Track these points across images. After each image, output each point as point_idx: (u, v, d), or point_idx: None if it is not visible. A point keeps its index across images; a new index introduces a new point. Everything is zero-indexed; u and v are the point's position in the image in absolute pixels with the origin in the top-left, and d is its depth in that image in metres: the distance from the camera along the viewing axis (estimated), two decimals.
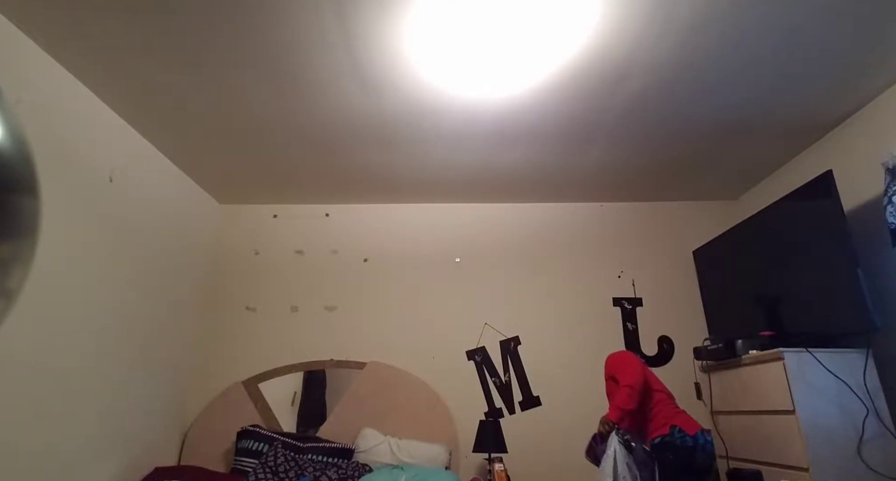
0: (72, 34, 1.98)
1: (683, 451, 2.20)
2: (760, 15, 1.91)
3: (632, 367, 2.37)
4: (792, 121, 2.66)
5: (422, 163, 3.08)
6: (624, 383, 2.31)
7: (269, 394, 3.16)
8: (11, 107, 0.80)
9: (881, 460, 2.11)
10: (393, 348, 3.30)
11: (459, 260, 3.53)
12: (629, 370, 2.36)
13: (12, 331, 1.86)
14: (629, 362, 2.43)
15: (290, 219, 3.62)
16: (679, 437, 2.22)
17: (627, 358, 2.50)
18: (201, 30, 1.96)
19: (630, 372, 2.34)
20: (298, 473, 2.60)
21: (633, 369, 2.35)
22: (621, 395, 2.28)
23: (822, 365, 2.25)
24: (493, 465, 2.67)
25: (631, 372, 2.34)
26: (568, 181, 3.35)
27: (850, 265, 2.24)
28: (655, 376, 2.52)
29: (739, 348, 2.60)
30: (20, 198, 0.76)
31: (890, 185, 2.21)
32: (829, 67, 2.24)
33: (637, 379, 2.30)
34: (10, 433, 1.88)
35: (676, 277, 3.45)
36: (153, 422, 2.76)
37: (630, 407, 2.26)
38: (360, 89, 2.34)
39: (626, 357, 2.52)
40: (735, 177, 3.31)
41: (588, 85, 2.33)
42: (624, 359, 2.50)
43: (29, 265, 0.79)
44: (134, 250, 2.63)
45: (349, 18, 1.91)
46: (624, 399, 2.26)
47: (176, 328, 3.01)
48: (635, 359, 2.48)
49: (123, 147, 2.57)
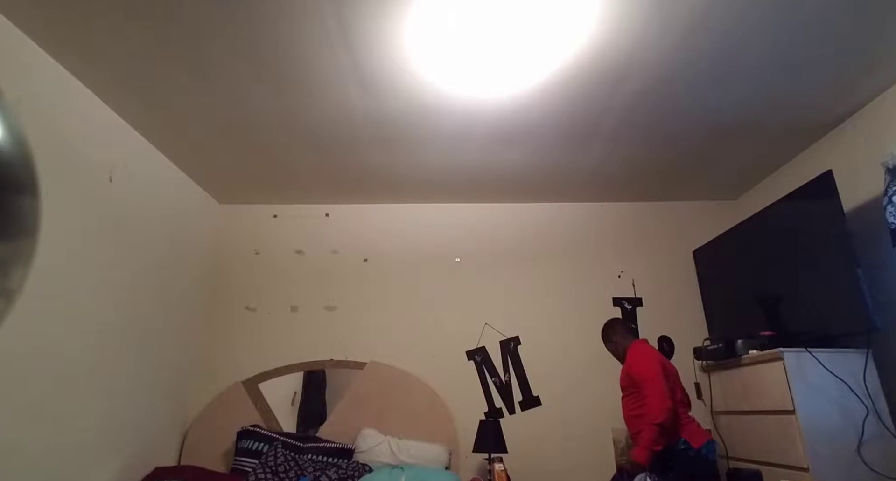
0: (72, 34, 1.98)
1: (685, 461, 2.24)
2: (760, 15, 1.91)
3: (658, 391, 2.25)
4: (792, 121, 2.65)
5: (422, 163, 3.08)
6: (653, 419, 2.22)
7: (269, 394, 3.16)
8: (11, 107, 0.80)
9: (881, 460, 2.11)
10: (393, 348, 3.29)
11: (459, 260, 3.53)
12: (656, 396, 2.25)
13: (12, 331, 1.86)
14: (653, 379, 2.31)
15: (290, 219, 3.62)
16: (683, 448, 2.27)
17: (651, 372, 2.35)
18: (202, 30, 1.96)
19: (656, 401, 2.23)
20: (298, 473, 2.60)
21: (660, 395, 2.24)
22: (650, 435, 2.20)
23: (822, 365, 2.25)
24: (493, 465, 2.67)
25: (658, 400, 2.23)
26: (568, 181, 3.35)
27: (850, 265, 2.24)
28: (676, 377, 2.49)
29: (739, 348, 2.60)
30: (20, 198, 0.76)
31: (890, 185, 2.21)
32: (829, 67, 2.23)
33: (666, 416, 2.21)
34: (11, 433, 1.88)
35: (676, 277, 3.45)
36: (153, 422, 2.76)
37: (658, 448, 2.20)
38: (361, 89, 2.34)
39: (649, 368, 2.37)
40: (735, 177, 3.31)
41: (588, 85, 2.33)
42: (647, 373, 2.35)
43: (29, 265, 0.79)
44: (134, 250, 2.63)
45: (349, 19, 1.91)
46: (652, 438, 2.20)
47: (176, 328, 3.01)
48: (658, 370, 2.36)
49: (123, 147, 2.57)
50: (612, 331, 2.73)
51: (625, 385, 2.54)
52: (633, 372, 2.45)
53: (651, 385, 2.31)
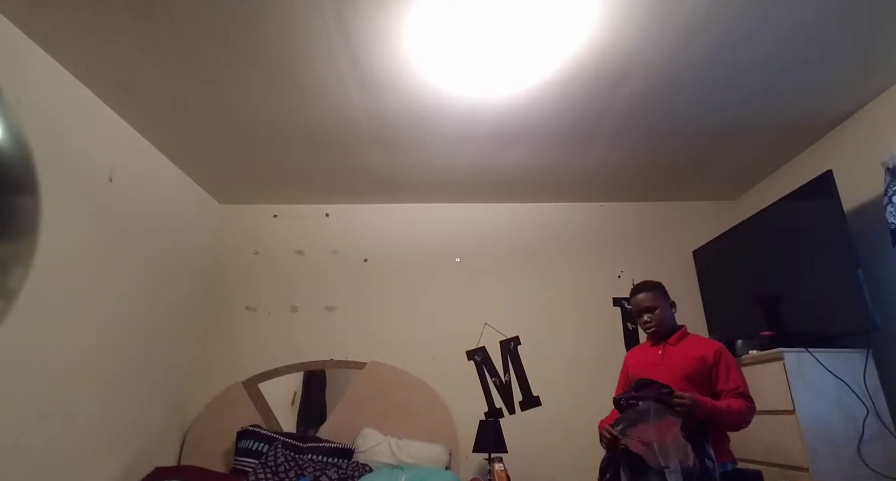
0: (72, 34, 1.98)
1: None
2: (760, 15, 1.91)
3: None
4: (792, 121, 2.65)
5: (422, 163, 3.08)
6: (752, 407, 1.83)
7: (269, 394, 3.16)
8: (11, 107, 0.80)
9: (881, 460, 2.11)
10: (393, 348, 3.29)
11: (459, 260, 3.53)
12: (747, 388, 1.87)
13: (12, 331, 1.86)
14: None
15: (290, 219, 3.62)
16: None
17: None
18: (202, 30, 1.96)
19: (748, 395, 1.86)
20: (298, 473, 2.60)
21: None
22: (741, 408, 1.78)
23: (822, 365, 2.25)
24: (493, 465, 2.67)
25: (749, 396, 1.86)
26: (568, 181, 3.34)
27: (850, 265, 2.24)
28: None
29: (739, 348, 2.60)
30: (20, 198, 0.76)
31: (890, 185, 2.21)
32: (829, 67, 2.23)
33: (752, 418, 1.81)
34: (10, 433, 1.88)
35: (676, 277, 3.44)
36: (153, 422, 2.76)
37: (731, 429, 1.86)
38: (361, 89, 2.34)
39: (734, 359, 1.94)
40: (735, 177, 3.31)
41: (588, 85, 2.33)
42: (735, 362, 1.94)
43: (29, 265, 0.79)
44: (134, 250, 2.63)
45: (349, 19, 1.91)
46: (742, 412, 1.79)
47: (176, 328, 3.01)
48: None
49: (123, 147, 2.57)
50: (666, 295, 2.12)
51: (690, 373, 1.92)
52: (725, 357, 1.91)
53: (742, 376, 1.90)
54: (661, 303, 2.07)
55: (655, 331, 2.06)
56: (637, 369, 2.09)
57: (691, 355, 1.95)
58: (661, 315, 2.05)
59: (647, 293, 2.08)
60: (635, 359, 2.20)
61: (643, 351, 2.19)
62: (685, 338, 2.05)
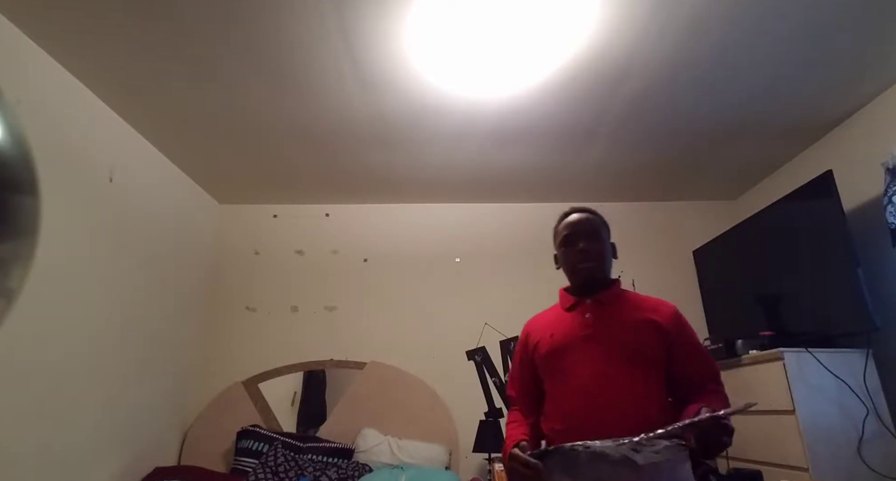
0: (72, 34, 1.98)
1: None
2: (760, 15, 1.91)
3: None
4: (792, 121, 2.65)
5: (422, 163, 3.08)
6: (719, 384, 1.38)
7: (269, 394, 3.16)
8: (11, 107, 0.80)
9: (881, 460, 2.11)
10: (393, 348, 3.29)
11: (459, 260, 3.53)
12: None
13: (12, 331, 1.86)
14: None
15: (290, 219, 3.62)
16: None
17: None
18: (202, 30, 1.96)
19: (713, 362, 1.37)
20: (298, 473, 2.60)
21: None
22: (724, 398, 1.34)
23: (822, 365, 2.25)
24: (493, 465, 2.67)
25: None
26: (568, 181, 3.34)
27: (850, 265, 2.24)
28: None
29: (739, 348, 2.60)
30: (20, 198, 0.76)
31: (890, 185, 2.21)
32: (829, 67, 2.23)
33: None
34: (10, 433, 1.88)
35: (676, 277, 3.44)
36: (153, 422, 2.76)
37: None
38: (361, 89, 2.34)
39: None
40: (735, 177, 3.31)
41: (588, 85, 2.33)
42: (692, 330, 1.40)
43: (29, 265, 0.79)
44: (134, 250, 2.63)
45: (349, 19, 1.91)
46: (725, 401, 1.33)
47: (176, 328, 3.01)
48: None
49: (123, 147, 2.57)
50: (609, 233, 1.60)
51: (638, 350, 1.31)
52: (686, 323, 1.40)
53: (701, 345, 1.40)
54: (605, 236, 1.53)
55: (591, 272, 1.46)
56: (553, 346, 1.39)
57: (637, 320, 1.34)
58: (603, 250, 1.49)
59: (590, 215, 1.53)
60: (546, 330, 1.45)
61: (556, 317, 1.48)
62: (622, 295, 1.47)
